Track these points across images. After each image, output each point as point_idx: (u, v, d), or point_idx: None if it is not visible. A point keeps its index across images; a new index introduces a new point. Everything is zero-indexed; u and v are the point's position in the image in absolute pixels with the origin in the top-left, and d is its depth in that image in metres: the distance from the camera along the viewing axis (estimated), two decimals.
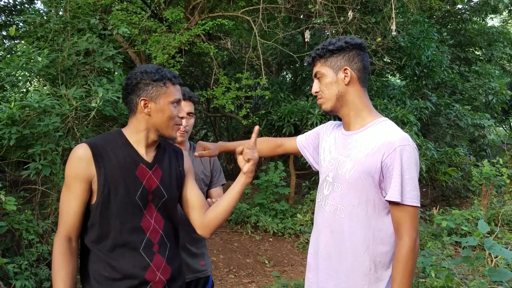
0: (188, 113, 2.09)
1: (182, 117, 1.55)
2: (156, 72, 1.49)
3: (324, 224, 1.64)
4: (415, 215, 1.48)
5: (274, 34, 6.86)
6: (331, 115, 2.37)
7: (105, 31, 4.76)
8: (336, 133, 1.73)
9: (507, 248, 3.02)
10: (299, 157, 7.02)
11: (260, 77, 5.92)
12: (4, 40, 6.68)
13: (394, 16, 4.95)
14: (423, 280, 3.24)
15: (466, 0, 9.87)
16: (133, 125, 1.52)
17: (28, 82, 4.28)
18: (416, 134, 6.35)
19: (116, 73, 4.18)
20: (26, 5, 7.51)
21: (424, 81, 8.35)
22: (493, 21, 14.19)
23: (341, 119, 1.70)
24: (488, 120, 8.64)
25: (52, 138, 3.46)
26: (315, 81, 1.67)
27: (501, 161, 6.43)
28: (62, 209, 1.44)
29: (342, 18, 5.91)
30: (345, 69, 1.59)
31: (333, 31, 6.35)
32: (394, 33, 5.24)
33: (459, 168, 7.56)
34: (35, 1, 7.91)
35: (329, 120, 1.92)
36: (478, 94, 9.42)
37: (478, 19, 10.59)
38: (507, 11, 12.05)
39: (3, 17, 7.45)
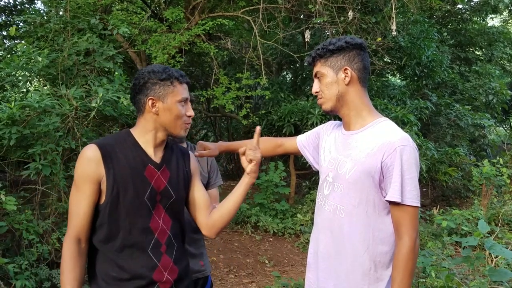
0: None
1: (190, 116, 1.55)
2: (163, 72, 1.50)
3: (324, 224, 1.64)
4: (415, 215, 1.48)
5: (274, 34, 6.86)
6: (331, 115, 2.37)
7: (105, 31, 4.76)
8: (336, 133, 1.73)
9: (508, 248, 3.02)
10: (299, 157, 7.02)
11: (260, 77, 5.92)
12: (5, 40, 6.68)
13: (394, 16, 4.95)
14: (424, 280, 3.24)
15: (466, 0, 9.86)
16: (142, 125, 1.53)
17: (28, 82, 4.28)
18: (416, 134, 6.34)
19: (116, 73, 4.18)
20: (26, 5, 7.51)
21: (424, 81, 8.35)
22: (493, 21, 14.19)
23: (341, 119, 1.70)
24: (489, 120, 8.63)
25: (52, 138, 3.46)
26: (315, 81, 1.67)
27: (501, 161, 6.43)
28: (72, 210, 1.44)
29: (342, 18, 5.91)
30: (346, 69, 1.59)
31: (333, 31, 6.35)
32: (394, 33, 5.24)
33: (459, 168, 7.56)
34: (35, 1, 7.91)
35: (329, 120, 1.92)
36: (479, 94, 9.41)
37: (478, 19, 10.59)
38: (507, 11, 12.05)
39: (4, 17, 7.45)
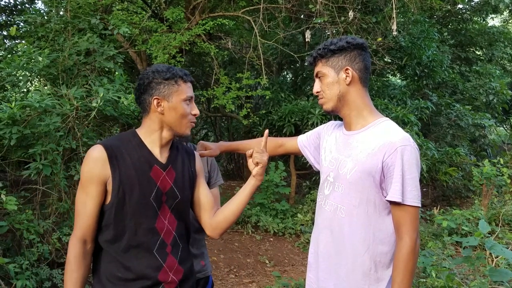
0: None
1: (195, 114, 1.55)
2: (167, 71, 1.50)
3: (324, 224, 1.64)
4: (416, 215, 1.48)
5: (275, 34, 6.86)
6: (332, 115, 2.37)
7: (106, 31, 4.76)
8: (337, 133, 1.73)
9: (508, 248, 3.02)
10: (300, 157, 7.02)
11: (261, 77, 5.91)
12: (5, 40, 6.68)
13: (395, 16, 4.95)
14: (424, 280, 3.24)
15: (467, 0, 9.86)
16: (147, 125, 1.53)
17: (29, 82, 4.28)
18: (417, 134, 6.34)
19: (117, 73, 4.18)
20: (27, 5, 7.51)
21: (425, 81, 8.35)
22: (494, 21, 14.18)
23: (342, 119, 1.70)
24: (489, 120, 8.63)
25: (53, 138, 3.46)
26: (316, 81, 1.67)
27: (502, 161, 6.43)
28: (78, 210, 1.45)
29: (343, 18, 5.91)
30: (347, 69, 1.58)
31: (334, 31, 6.34)
32: (395, 33, 5.24)
33: (460, 168, 7.56)
34: (36, 1, 7.91)
35: (330, 120, 1.92)
36: (479, 94, 9.41)
37: (479, 19, 10.58)
38: (508, 11, 12.05)
39: (4, 17, 7.45)
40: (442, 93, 9.34)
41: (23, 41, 5.66)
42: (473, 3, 10.17)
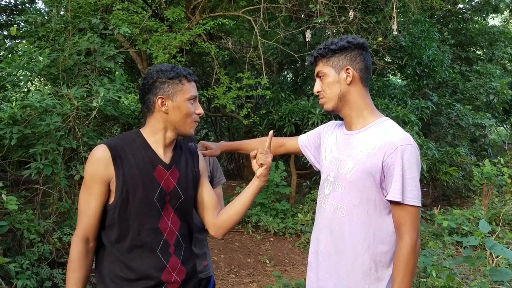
0: None
1: (199, 114, 1.56)
2: (171, 70, 1.50)
3: (324, 223, 1.65)
4: (416, 215, 1.48)
5: (275, 34, 6.86)
6: (332, 115, 2.37)
7: (106, 31, 4.75)
8: (338, 133, 1.73)
9: (508, 248, 3.02)
10: (300, 157, 7.02)
11: (261, 77, 5.91)
12: (5, 40, 6.67)
13: (395, 16, 4.94)
14: (424, 280, 3.24)
15: (467, 0, 9.85)
16: (151, 125, 1.53)
17: (29, 82, 4.28)
18: (417, 134, 6.34)
19: (117, 73, 4.19)
20: (27, 5, 7.51)
21: (425, 81, 8.34)
22: (494, 21, 14.17)
23: (343, 119, 1.70)
24: (489, 120, 8.62)
25: (53, 138, 3.46)
26: (317, 81, 1.67)
27: (502, 161, 6.44)
28: (81, 210, 1.45)
29: (343, 18, 5.90)
30: (347, 69, 1.59)
31: (334, 31, 6.34)
32: (395, 33, 5.23)
33: (460, 168, 7.56)
34: (36, 1, 7.91)
35: (330, 120, 1.92)
36: (479, 94, 9.40)
37: (479, 19, 10.57)
38: (508, 11, 12.04)
39: (4, 17, 7.45)
40: (443, 93, 9.34)
41: (24, 41, 5.66)
42: (474, 3, 10.17)
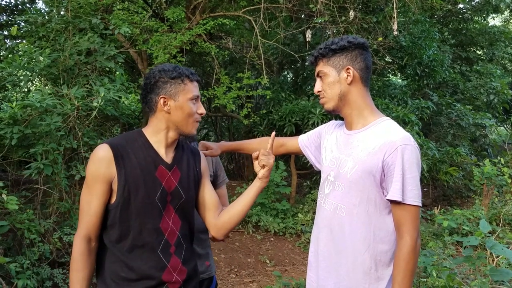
0: None
1: (201, 114, 1.55)
2: (174, 70, 1.50)
3: (324, 223, 1.65)
4: (416, 214, 1.48)
5: (275, 34, 6.85)
6: (333, 115, 2.37)
7: (107, 31, 4.76)
8: (338, 133, 1.73)
9: (509, 248, 3.02)
10: (300, 157, 7.02)
11: (261, 77, 5.91)
12: (6, 40, 6.68)
13: (396, 16, 4.94)
14: (425, 280, 3.24)
15: (468, 0, 9.85)
16: (154, 124, 1.53)
17: (30, 82, 4.28)
18: (418, 134, 6.33)
19: (118, 73, 4.19)
20: (28, 5, 7.52)
21: (426, 81, 8.34)
22: (495, 21, 14.17)
23: (343, 119, 1.70)
24: (490, 120, 8.61)
25: (54, 138, 3.47)
26: (318, 81, 1.67)
27: (503, 161, 6.44)
28: (83, 209, 1.45)
29: (344, 18, 5.90)
30: (348, 69, 1.59)
31: (335, 31, 6.34)
32: (396, 33, 5.23)
33: (461, 168, 7.56)
34: (37, 1, 7.91)
35: (331, 120, 1.92)
36: (480, 94, 9.40)
37: (480, 19, 10.57)
38: (509, 11, 12.04)
39: (5, 17, 7.46)
40: (443, 93, 9.33)
41: (24, 41, 5.66)
42: (474, 3, 10.16)
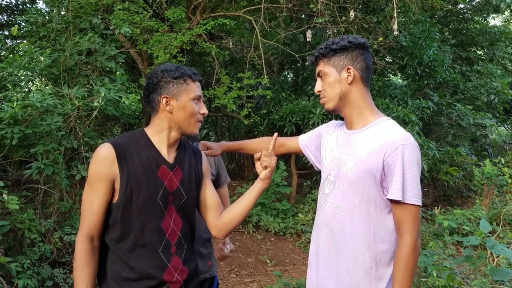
0: None
1: (203, 114, 1.56)
2: (176, 70, 1.51)
3: (324, 223, 1.65)
4: (417, 214, 1.48)
5: (276, 34, 6.85)
6: (333, 115, 2.38)
7: (107, 31, 4.76)
8: (338, 132, 1.73)
9: (509, 248, 3.02)
10: (301, 157, 7.02)
11: (262, 77, 5.91)
12: (7, 40, 6.69)
13: (396, 16, 4.94)
14: (425, 280, 3.24)
15: (468, 0, 9.84)
16: (156, 124, 1.54)
17: (30, 82, 4.28)
18: (418, 134, 6.33)
19: (118, 73, 4.19)
20: (28, 5, 7.52)
21: (426, 81, 8.34)
22: (495, 21, 14.16)
23: (343, 119, 1.71)
24: (490, 120, 8.61)
25: (54, 138, 3.47)
26: (318, 80, 1.67)
27: (503, 161, 6.44)
28: (85, 208, 1.45)
29: (344, 18, 5.90)
30: (348, 69, 1.59)
31: (335, 31, 6.34)
32: (396, 33, 5.23)
33: (461, 168, 7.55)
34: (37, 1, 7.92)
35: (331, 120, 1.92)
36: (480, 94, 9.40)
37: (480, 19, 10.56)
38: (509, 11, 12.03)
39: (5, 17, 7.47)
40: (443, 93, 9.33)
41: (25, 41, 5.67)
42: (474, 3, 10.16)
